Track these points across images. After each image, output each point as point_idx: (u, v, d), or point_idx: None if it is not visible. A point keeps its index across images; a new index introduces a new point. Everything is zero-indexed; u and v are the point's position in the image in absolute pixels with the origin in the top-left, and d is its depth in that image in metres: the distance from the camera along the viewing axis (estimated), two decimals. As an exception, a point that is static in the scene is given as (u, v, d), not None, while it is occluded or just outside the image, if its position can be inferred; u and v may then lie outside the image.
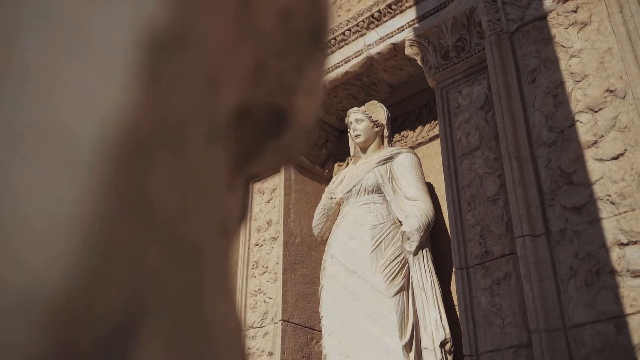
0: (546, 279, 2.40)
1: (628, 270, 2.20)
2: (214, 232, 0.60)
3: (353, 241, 3.26)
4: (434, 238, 3.37)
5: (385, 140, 3.62)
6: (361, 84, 3.91)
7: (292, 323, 3.55)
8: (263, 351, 3.48)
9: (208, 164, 0.56)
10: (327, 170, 4.19)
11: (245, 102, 0.66)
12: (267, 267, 3.73)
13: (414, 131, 3.95)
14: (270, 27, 0.64)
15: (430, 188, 3.54)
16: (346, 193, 3.45)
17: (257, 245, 3.85)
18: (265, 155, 0.73)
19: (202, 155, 0.51)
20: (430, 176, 3.66)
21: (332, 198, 3.52)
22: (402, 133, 4.01)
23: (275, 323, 3.49)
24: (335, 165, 4.24)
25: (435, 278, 3.10)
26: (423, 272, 3.09)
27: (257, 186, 4.05)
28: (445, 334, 2.92)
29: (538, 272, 2.42)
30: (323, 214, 3.55)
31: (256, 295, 3.69)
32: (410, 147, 3.86)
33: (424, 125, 3.90)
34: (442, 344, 2.90)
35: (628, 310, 2.16)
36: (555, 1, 2.85)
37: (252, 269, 3.80)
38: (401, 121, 4.04)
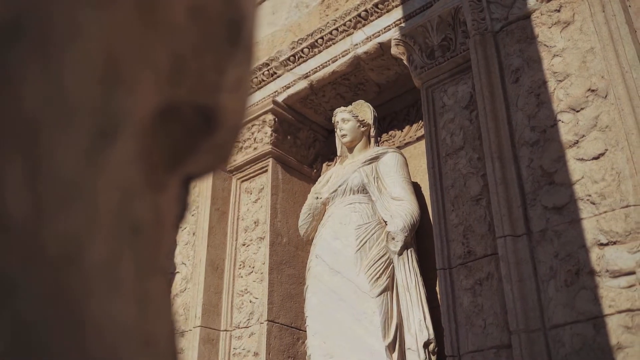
0: (527, 280, 2.39)
1: (607, 271, 2.19)
2: (125, 232, 0.58)
3: (338, 241, 3.25)
4: (420, 238, 3.35)
5: (372, 139, 3.61)
6: (349, 84, 3.90)
7: (278, 323, 3.54)
8: (249, 351, 3.47)
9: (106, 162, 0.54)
10: (315, 170, 4.18)
11: (168, 100, 0.65)
12: (253, 267, 3.72)
13: (402, 131, 3.94)
14: (183, 23, 0.62)
15: (416, 188, 3.53)
16: (332, 193, 3.43)
17: (244, 245, 3.84)
18: (200, 155, 0.71)
19: (94, 152, 0.50)
20: (417, 176, 3.65)
21: (318, 198, 3.51)
22: (390, 133, 4.00)
23: (261, 323, 3.48)
24: (324, 164, 4.23)
25: (419, 278, 3.09)
26: (408, 272, 3.07)
27: (245, 186, 4.04)
28: (428, 334, 2.90)
29: (519, 272, 2.41)
30: (309, 214, 3.54)
31: (242, 296, 3.68)
32: (398, 147, 3.85)
33: (411, 125, 3.89)
34: (426, 345, 2.89)
35: (606, 310, 2.15)
36: (539, 0, 2.84)
37: (239, 269, 3.79)
38: (389, 121, 4.03)
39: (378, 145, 3.66)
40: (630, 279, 2.13)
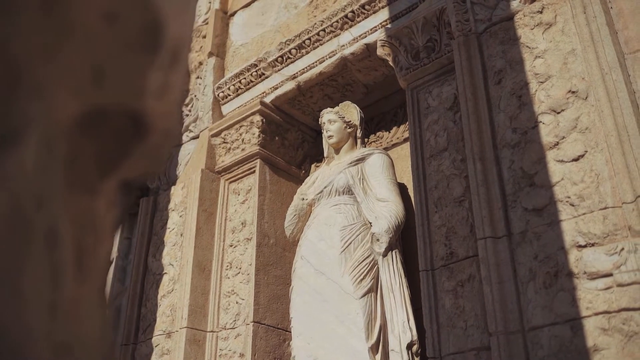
0: (506, 281, 2.39)
1: (585, 273, 2.19)
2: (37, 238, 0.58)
3: (323, 242, 3.25)
4: (406, 239, 3.35)
5: (359, 141, 3.61)
6: (336, 85, 3.90)
7: (264, 324, 3.53)
8: (235, 352, 3.47)
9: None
10: (303, 171, 4.18)
11: (91, 105, 0.64)
12: (240, 268, 3.72)
13: (389, 132, 3.94)
14: (98, 29, 0.62)
15: (403, 189, 3.53)
16: (317, 194, 3.43)
17: (231, 246, 3.84)
18: (134, 159, 0.71)
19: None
20: (404, 177, 3.64)
21: (303, 199, 3.51)
22: (378, 134, 4.00)
23: (247, 324, 3.48)
24: (313, 165, 4.22)
25: (404, 279, 3.09)
26: (392, 273, 3.07)
27: (233, 187, 4.04)
28: (412, 335, 2.90)
29: (498, 274, 2.41)
30: (294, 215, 3.54)
31: (229, 297, 3.68)
32: (385, 148, 3.85)
33: (399, 126, 3.89)
34: (409, 346, 2.89)
35: (584, 312, 2.14)
36: (522, 2, 2.84)
37: (226, 269, 3.79)
38: (377, 122, 4.03)
39: (365, 146, 3.66)
40: (607, 281, 2.13)
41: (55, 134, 0.59)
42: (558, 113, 2.51)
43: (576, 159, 2.39)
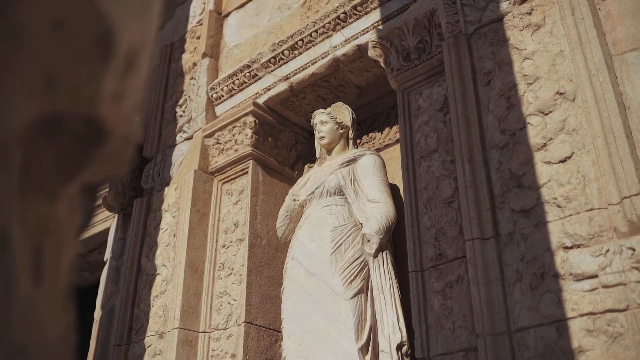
0: (493, 283, 2.39)
1: (571, 274, 2.20)
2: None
3: (314, 243, 3.25)
4: (397, 240, 3.35)
5: (351, 142, 3.62)
6: (329, 86, 3.91)
7: (256, 325, 3.54)
8: (226, 353, 3.48)
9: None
10: (296, 172, 4.18)
11: (46, 112, 0.65)
12: (232, 269, 3.72)
13: (382, 133, 3.94)
14: (46, 37, 0.62)
15: (395, 190, 3.53)
16: (309, 195, 3.44)
17: (224, 246, 3.84)
18: (94, 164, 0.71)
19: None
20: (396, 178, 3.64)
21: (295, 200, 3.51)
22: (370, 135, 4.00)
23: (239, 325, 3.49)
24: (306, 166, 4.23)
25: (394, 280, 3.09)
26: (382, 274, 3.08)
27: (226, 187, 4.05)
28: (402, 336, 2.90)
29: (486, 275, 2.41)
30: (286, 216, 3.54)
31: (221, 297, 3.69)
32: (378, 149, 3.85)
33: (391, 127, 3.89)
34: (399, 347, 2.89)
35: (569, 314, 2.15)
36: (511, 3, 2.84)
37: (219, 270, 3.79)
38: (370, 122, 4.03)
39: (357, 147, 3.66)
40: (592, 282, 2.14)
41: (9, 140, 0.60)
42: (546, 114, 2.51)
43: (563, 161, 2.39)
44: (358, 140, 3.95)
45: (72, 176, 0.66)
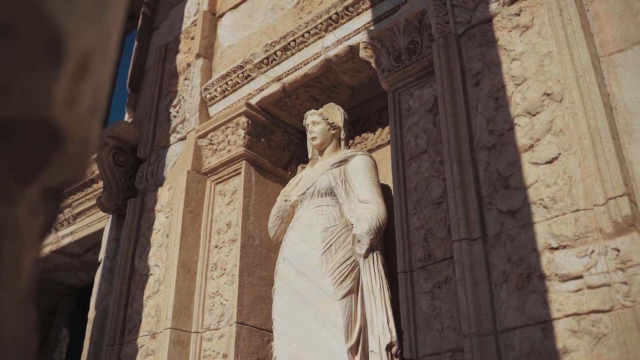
0: (480, 283, 2.40)
1: (556, 275, 2.20)
2: None
3: (304, 244, 3.26)
4: (388, 241, 3.36)
5: (342, 142, 3.62)
6: (321, 86, 3.91)
7: (248, 325, 3.54)
8: (218, 353, 3.48)
9: None
10: (290, 172, 4.19)
11: (1, 118, 0.66)
12: (225, 269, 3.73)
13: (374, 133, 3.95)
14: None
15: (386, 191, 3.53)
16: (300, 195, 3.44)
17: (216, 247, 3.85)
18: (53, 168, 0.72)
19: None
20: (387, 179, 3.64)
21: (286, 200, 3.52)
22: (363, 135, 4.01)
23: (231, 325, 3.49)
24: (299, 167, 4.23)
25: (384, 281, 3.09)
26: (373, 274, 3.08)
27: (218, 188, 4.05)
28: (391, 337, 2.91)
29: (473, 276, 2.41)
30: (277, 217, 3.55)
31: (214, 297, 3.69)
32: (370, 150, 3.86)
33: (383, 128, 3.89)
34: (388, 347, 2.90)
35: (555, 314, 2.15)
36: (500, 4, 2.84)
37: (211, 270, 3.80)
38: (362, 123, 4.04)
39: (349, 148, 3.67)
40: (578, 283, 2.14)
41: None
42: (533, 115, 2.52)
43: (550, 162, 2.39)
44: (351, 141, 3.96)
45: (30, 179, 0.67)
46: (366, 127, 4.01)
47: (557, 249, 2.24)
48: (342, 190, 3.32)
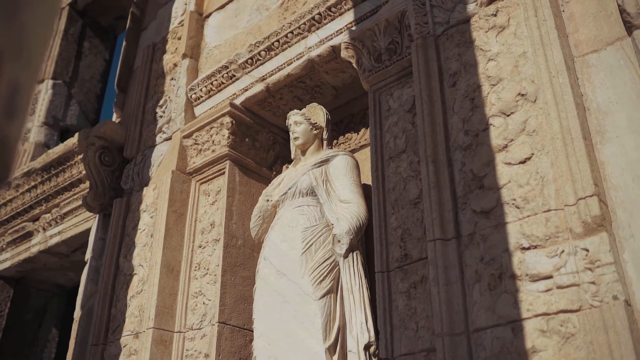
0: (454, 283, 2.40)
1: (527, 275, 2.20)
2: None
3: (285, 244, 3.26)
4: (369, 241, 3.36)
5: (325, 142, 3.62)
6: (305, 87, 3.91)
7: (230, 325, 3.55)
8: (200, 353, 3.49)
9: None
10: (275, 172, 4.19)
11: None
12: (208, 269, 3.73)
13: (358, 133, 3.95)
14: None
15: (368, 191, 3.53)
16: (282, 195, 3.45)
17: (200, 247, 3.85)
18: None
19: None
20: (370, 179, 3.65)
21: (268, 200, 3.52)
22: (347, 135, 4.01)
23: (213, 325, 3.50)
24: (284, 167, 4.23)
25: (364, 281, 3.10)
26: (352, 274, 3.08)
27: (203, 188, 4.06)
28: (369, 336, 2.91)
29: (446, 276, 2.42)
30: (259, 216, 3.55)
31: (197, 297, 3.69)
32: (354, 150, 3.86)
33: (367, 128, 3.89)
34: (367, 347, 2.90)
35: (524, 314, 2.16)
36: (477, 5, 2.85)
37: (195, 270, 3.80)
38: (346, 123, 4.04)
39: (331, 148, 3.67)
40: (547, 283, 2.15)
41: None
42: (508, 116, 2.52)
43: (523, 162, 2.40)
44: (335, 141, 3.96)
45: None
46: (350, 127, 4.01)
47: (528, 249, 2.24)
48: (323, 191, 3.33)
